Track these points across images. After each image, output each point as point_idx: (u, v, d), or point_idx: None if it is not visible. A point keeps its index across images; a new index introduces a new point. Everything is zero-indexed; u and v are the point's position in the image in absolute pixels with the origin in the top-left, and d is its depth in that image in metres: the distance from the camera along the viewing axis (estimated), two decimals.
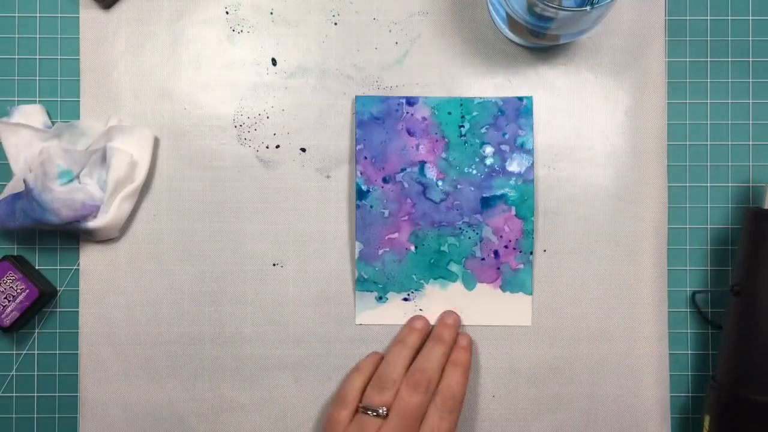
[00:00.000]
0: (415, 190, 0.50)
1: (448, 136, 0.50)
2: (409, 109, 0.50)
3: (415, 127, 0.50)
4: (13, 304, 0.48)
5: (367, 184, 0.50)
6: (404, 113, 0.50)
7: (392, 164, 0.50)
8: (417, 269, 0.50)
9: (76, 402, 0.50)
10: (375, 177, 0.50)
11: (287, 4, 0.51)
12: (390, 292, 0.50)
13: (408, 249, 0.50)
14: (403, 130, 0.50)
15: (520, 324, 0.50)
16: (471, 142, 0.50)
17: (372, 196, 0.50)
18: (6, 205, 0.48)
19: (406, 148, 0.50)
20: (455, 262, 0.50)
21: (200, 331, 0.50)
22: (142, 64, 0.51)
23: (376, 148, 0.50)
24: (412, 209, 0.50)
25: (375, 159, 0.50)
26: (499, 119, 0.50)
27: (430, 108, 0.50)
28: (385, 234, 0.50)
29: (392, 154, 0.50)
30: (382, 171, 0.50)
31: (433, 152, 0.50)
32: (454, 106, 0.50)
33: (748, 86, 0.51)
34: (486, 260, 0.50)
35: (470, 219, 0.50)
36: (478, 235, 0.50)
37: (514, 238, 0.50)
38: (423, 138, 0.50)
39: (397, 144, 0.50)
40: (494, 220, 0.50)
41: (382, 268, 0.50)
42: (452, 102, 0.50)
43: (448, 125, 0.50)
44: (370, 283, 0.50)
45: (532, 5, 0.42)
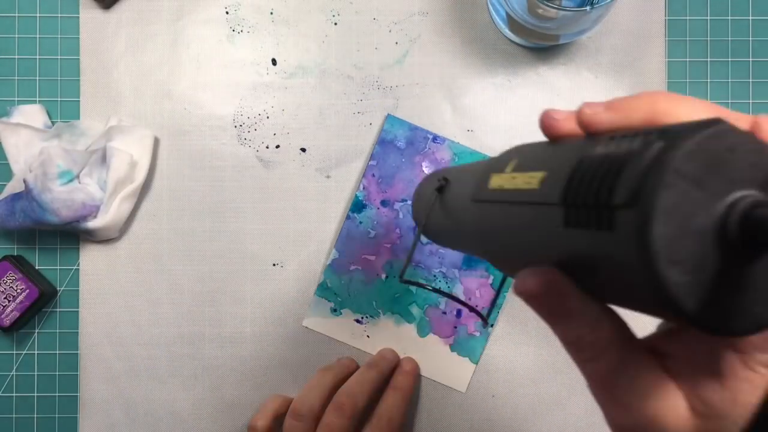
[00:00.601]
0: (407, 224, 0.49)
1: None
2: (432, 146, 0.49)
3: (432, 165, 0.49)
4: (13, 304, 0.48)
5: (365, 201, 0.49)
6: (427, 148, 0.49)
7: (396, 191, 0.49)
8: (379, 298, 0.49)
9: (76, 402, 0.50)
10: (375, 197, 0.49)
11: (287, 4, 0.51)
12: (346, 308, 0.50)
13: (378, 275, 0.49)
14: (419, 164, 0.49)
15: (455, 387, 0.50)
16: None
17: (365, 214, 0.49)
18: (6, 205, 0.48)
19: (415, 182, 0.49)
20: (418, 305, 0.49)
21: (200, 331, 0.50)
22: (142, 64, 0.51)
23: (388, 170, 0.49)
24: (398, 240, 0.49)
25: (382, 180, 0.49)
26: None
27: (452, 152, 0.49)
28: (362, 253, 0.49)
29: (399, 182, 0.49)
30: (383, 194, 0.49)
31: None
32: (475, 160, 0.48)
33: (748, 86, 0.51)
34: (447, 315, 0.49)
35: (447, 271, 0.49)
36: (449, 289, 0.49)
37: (482, 305, 0.49)
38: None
39: (409, 174, 0.49)
40: (469, 281, 0.49)
41: (348, 283, 0.49)
42: (475, 156, 0.49)
43: None
44: (330, 292, 0.50)
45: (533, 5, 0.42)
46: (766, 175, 0.16)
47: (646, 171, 0.16)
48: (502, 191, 0.24)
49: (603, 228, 0.17)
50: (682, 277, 0.16)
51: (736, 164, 0.16)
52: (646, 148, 0.16)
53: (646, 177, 0.16)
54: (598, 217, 0.17)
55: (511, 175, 0.23)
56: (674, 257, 0.16)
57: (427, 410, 0.50)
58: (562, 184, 0.19)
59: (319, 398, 0.44)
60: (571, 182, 0.19)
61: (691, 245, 0.16)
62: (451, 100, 0.51)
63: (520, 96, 0.51)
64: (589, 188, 0.18)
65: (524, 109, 0.51)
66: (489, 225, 0.25)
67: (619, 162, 0.17)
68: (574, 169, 0.19)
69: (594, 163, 0.18)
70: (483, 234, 0.26)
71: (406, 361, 0.49)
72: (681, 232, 0.16)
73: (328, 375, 0.46)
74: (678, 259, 0.16)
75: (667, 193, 0.15)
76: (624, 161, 0.17)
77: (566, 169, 0.20)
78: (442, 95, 0.51)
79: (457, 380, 0.50)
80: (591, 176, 0.18)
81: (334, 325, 0.49)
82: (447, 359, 0.49)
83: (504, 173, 0.24)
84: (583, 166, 0.19)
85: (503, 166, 0.25)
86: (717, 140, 0.16)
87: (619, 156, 0.17)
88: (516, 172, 0.23)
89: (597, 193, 0.17)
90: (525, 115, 0.51)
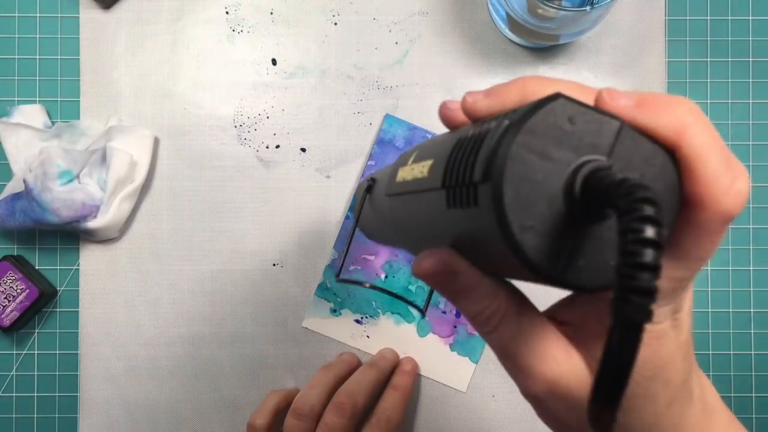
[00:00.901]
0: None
1: None
2: None
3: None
4: (13, 304, 0.48)
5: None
6: None
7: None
8: (379, 298, 0.49)
9: (76, 402, 0.50)
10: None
11: (287, 4, 0.51)
12: (346, 309, 0.50)
13: (378, 275, 0.49)
14: None
15: (455, 387, 0.50)
16: None
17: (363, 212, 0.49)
18: (6, 205, 0.48)
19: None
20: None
21: (200, 331, 0.50)
22: (142, 64, 0.51)
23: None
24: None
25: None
26: None
27: None
28: (362, 253, 0.49)
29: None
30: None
31: None
32: None
33: (748, 86, 0.51)
34: (446, 314, 0.49)
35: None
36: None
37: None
38: None
39: None
40: None
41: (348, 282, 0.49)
42: None
43: None
44: (330, 293, 0.50)
45: (533, 6, 0.42)
46: (608, 141, 0.18)
47: (496, 147, 0.17)
48: (404, 183, 0.25)
49: (471, 205, 0.18)
50: (535, 239, 0.17)
51: (578, 134, 0.17)
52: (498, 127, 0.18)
53: (495, 153, 0.17)
54: (467, 195, 0.19)
55: (411, 166, 0.25)
56: (526, 223, 0.17)
57: (427, 410, 0.50)
58: (443, 168, 0.21)
59: (320, 397, 0.44)
60: (447, 167, 0.20)
61: (540, 211, 0.17)
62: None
63: None
64: (458, 169, 0.19)
65: None
66: (397, 216, 0.27)
67: (478, 142, 0.19)
68: (450, 152, 0.20)
69: (463, 145, 0.20)
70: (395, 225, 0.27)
71: (405, 361, 0.49)
72: (530, 199, 0.17)
73: (329, 373, 0.46)
74: (530, 224, 0.17)
75: (512, 165, 0.17)
76: (481, 141, 0.18)
77: (446, 153, 0.21)
78: (442, 95, 0.51)
79: (458, 380, 0.50)
80: (460, 159, 0.19)
81: (333, 325, 0.49)
82: (447, 359, 0.49)
83: (406, 166, 0.26)
84: (456, 148, 0.20)
85: (407, 159, 0.26)
86: (555, 114, 0.17)
87: (479, 136, 0.19)
88: (414, 163, 0.25)
89: (463, 173, 0.19)
90: None
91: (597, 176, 0.17)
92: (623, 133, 0.18)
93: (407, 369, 0.48)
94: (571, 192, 0.17)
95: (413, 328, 0.49)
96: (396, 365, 0.49)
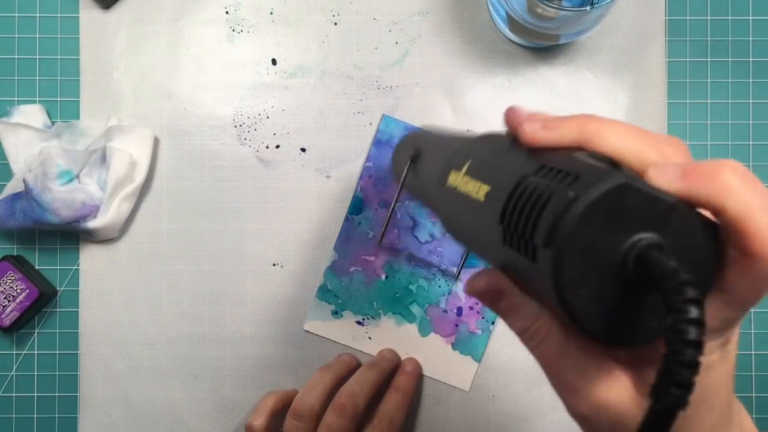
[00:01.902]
0: (405, 224, 0.49)
1: None
2: None
3: None
4: (13, 304, 0.48)
5: (363, 202, 0.49)
6: None
7: (392, 190, 0.49)
8: (380, 298, 0.49)
9: (76, 402, 0.50)
10: (373, 198, 0.49)
11: (287, 4, 0.51)
12: (347, 310, 0.49)
13: (378, 276, 0.49)
14: None
15: (459, 387, 0.50)
16: None
17: (363, 215, 0.49)
18: (6, 205, 0.48)
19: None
20: (418, 304, 0.49)
21: (200, 331, 0.50)
22: (142, 64, 0.51)
23: (384, 170, 0.49)
24: (396, 240, 0.49)
25: (378, 181, 0.49)
26: None
27: None
28: (362, 254, 0.49)
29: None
30: (381, 195, 0.49)
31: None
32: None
33: (748, 86, 0.51)
34: (448, 313, 0.49)
35: (447, 269, 0.49)
36: (448, 287, 0.49)
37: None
38: None
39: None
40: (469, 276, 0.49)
41: (348, 285, 0.49)
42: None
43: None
44: (331, 295, 0.49)
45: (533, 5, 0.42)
46: (660, 216, 0.19)
47: (559, 217, 0.19)
48: (457, 191, 0.27)
49: (528, 257, 0.20)
50: (587, 305, 0.19)
51: (634, 211, 0.19)
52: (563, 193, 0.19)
53: (559, 226, 0.19)
54: (525, 247, 0.20)
55: (465, 178, 0.26)
56: (581, 291, 0.19)
57: (428, 410, 0.50)
58: (501, 205, 0.22)
59: (320, 397, 0.44)
60: (506, 207, 0.22)
61: (594, 280, 0.19)
62: (451, 100, 0.51)
63: (520, 96, 0.51)
64: (519, 219, 0.21)
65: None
66: (448, 212, 0.28)
67: (542, 201, 0.20)
68: (511, 193, 0.22)
69: (526, 193, 0.21)
70: (445, 216, 0.29)
71: (408, 362, 0.49)
72: (586, 271, 0.19)
73: (328, 374, 0.46)
74: (584, 293, 0.19)
75: (574, 240, 0.18)
76: (545, 202, 0.20)
77: (506, 189, 0.22)
78: (442, 95, 0.51)
79: (461, 379, 0.50)
80: (521, 207, 0.21)
81: (335, 327, 0.49)
82: (449, 358, 0.49)
83: (460, 173, 0.27)
84: (518, 191, 0.21)
85: (461, 163, 0.27)
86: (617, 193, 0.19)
87: (543, 195, 0.20)
88: (468, 177, 0.26)
89: (524, 227, 0.20)
90: None
91: (649, 256, 0.18)
92: (674, 207, 0.19)
93: (409, 370, 0.48)
94: (625, 266, 0.19)
95: (414, 328, 0.49)
96: (397, 366, 0.49)
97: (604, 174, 0.19)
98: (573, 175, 0.20)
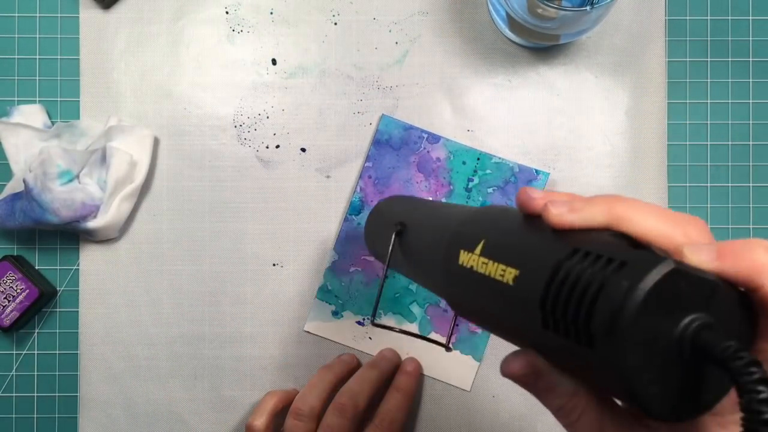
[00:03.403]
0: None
1: (455, 185, 0.49)
2: (427, 145, 0.49)
3: (427, 165, 0.49)
4: (13, 304, 0.48)
5: (362, 202, 0.49)
6: (422, 148, 0.49)
7: (392, 191, 0.49)
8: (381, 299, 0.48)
9: (76, 402, 0.50)
10: (372, 197, 0.49)
11: (287, 4, 0.51)
12: (347, 310, 0.49)
13: (378, 276, 0.49)
14: (414, 164, 0.49)
15: (459, 386, 0.50)
16: (474, 198, 0.49)
17: (363, 215, 0.49)
18: (6, 205, 0.48)
19: (411, 182, 0.49)
20: (418, 304, 0.49)
21: (200, 331, 0.50)
22: (142, 64, 0.51)
23: (383, 171, 0.49)
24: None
25: (378, 181, 0.49)
26: (509, 185, 0.49)
27: (447, 151, 0.49)
28: (362, 254, 0.49)
29: (396, 182, 0.49)
30: (380, 194, 0.49)
31: (435, 195, 0.49)
32: (470, 157, 0.49)
33: (748, 86, 0.51)
34: (448, 312, 0.49)
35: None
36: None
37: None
38: (431, 178, 0.49)
39: (404, 174, 0.49)
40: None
41: (348, 285, 0.49)
42: (471, 153, 0.49)
43: (459, 174, 0.49)
44: (331, 295, 0.49)
45: (533, 6, 0.42)
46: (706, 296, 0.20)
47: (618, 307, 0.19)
48: (474, 272, 0.26)
49: (581, 343, 0.20)
50: (651, 388, 0.19)
51: (683, 293, 0.20)
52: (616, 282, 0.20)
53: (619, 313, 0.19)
54: (576, 333, 0.20)
55: (482, 259, 0.26)
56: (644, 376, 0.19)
57: (428, 409, 0.50)
58: (540, 289, 0.22)
59: (320, 397, 0.44)
60: (547, 293, 0.22)
61: (655, 363, 0.20)
62: (451, 100, 0.51)
63: (520, 96, 0.51)
64: (567, 307, 0.21)
65: (524, 109, 0.51)
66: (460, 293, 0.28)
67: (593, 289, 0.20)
68: (550, 278, 0.22)
69: (569, 280, 0.21)
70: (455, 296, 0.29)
71: (408, 362, 0.49)
72: (647, 356, 0.19)
73: (329, 373, 0.46)
74: (646, 376, 0.19)
75: (635, 328, 0.19)
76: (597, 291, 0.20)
77: (542, 275, 0.22)
78: (442, 95, 0.51)
79: (461, 379, 0.49)
80: (567, 295, 0.21)
81: (335, 328, 0.49)
82: (450, 357, 0.49)
83: (474, 253, 0.26)
84: (558, 278, 0.21)
85: (473, 242, 0.27)
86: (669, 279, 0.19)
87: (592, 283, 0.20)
88: (487, 258, 0.25)
89: (575, 315, 0.20)
90: (525, 115, 0.51)
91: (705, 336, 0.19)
92: (717, 286, 0.20)
93: (409, 370, 0.48)
94: (681, 346, 0.20)
95: (415, 328, 0.49)
96: (397, 365, 0.49)
97: (654, 260, 0.20)
98: (618, 262, 0.20)
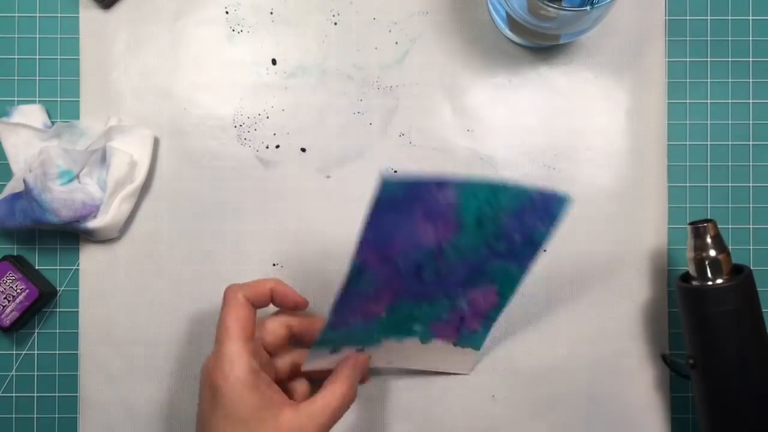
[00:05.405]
0: (409, 271, 0.41)
1: (465, 222, 0.40)
2: (436, 193, 0.38)
3: (435, 211, 0.39)
4: (13, 304, 0.48)
5: (362, 267, 0.40)
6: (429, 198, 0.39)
7: (395, 247, 0.40)
8: (381, 331, 0.45)
9: (76, 402, 0.50)
10: (373, 261, 0.40)
11: (287, 4, 0.51)
12: (345, 346, 0.45)
13: (378, 315, 0.43)
14: (419, 213, 0.39)
15: (459, 372, 0.50)
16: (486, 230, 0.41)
17: (364, 278, 0.40)
18: (6, 205, 0.48)
19: (416, 234, 0.40)
20: (421, 323, 0.46)
21: (200, 331, 0.50)
22: (142, 64, 0.51)
23: (385, 234, 0.39)
24: (399, 286, 0.42)
25: (379, 244, 0.39)
26: (527, 212, 0.41)
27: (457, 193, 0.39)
28: (363, 308, 0.43)
29: (399, 238, 0.40)
30: (383, 253, 0.40)
31: (444, 236, 0.41)
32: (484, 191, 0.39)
33: (748, 86, 0.51)
34: (450, 322, 0.46)
35: (451, 291, 0.44)
36: (452, 303, 0.45)
37: (487, 308, 0.46)
38: (438, 221, 0.40)
39: (407, 229, 0.39)
40: (475, 293, 0.45)
41: (348, 330, 0.43)
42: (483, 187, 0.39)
43: (469, 210, 0.40)
44: (329, 342, 0.44)
45: (533, 5, 0.42)
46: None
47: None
48: None
49: None
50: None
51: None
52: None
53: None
54: None
55: None
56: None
57: (428, 410, 0.50)
58: None
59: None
60: None
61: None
62: (451, 100, 0.51)
63: (520, 96, 0.51)
64: None
65: (524, 109, 0.51)
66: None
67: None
68: None
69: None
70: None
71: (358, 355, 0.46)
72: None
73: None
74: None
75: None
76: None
77: None
78: (442, 95, 0.51)
79: (461, 366, 0.49)
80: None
81: (334, 360, 0.45)
82: (450, 351, 0.49)
83: None
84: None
85: None
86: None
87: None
88: None
89: None
90: (525, 115, 0.51)
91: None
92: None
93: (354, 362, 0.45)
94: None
95: (416, 339, 0.47)
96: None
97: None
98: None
